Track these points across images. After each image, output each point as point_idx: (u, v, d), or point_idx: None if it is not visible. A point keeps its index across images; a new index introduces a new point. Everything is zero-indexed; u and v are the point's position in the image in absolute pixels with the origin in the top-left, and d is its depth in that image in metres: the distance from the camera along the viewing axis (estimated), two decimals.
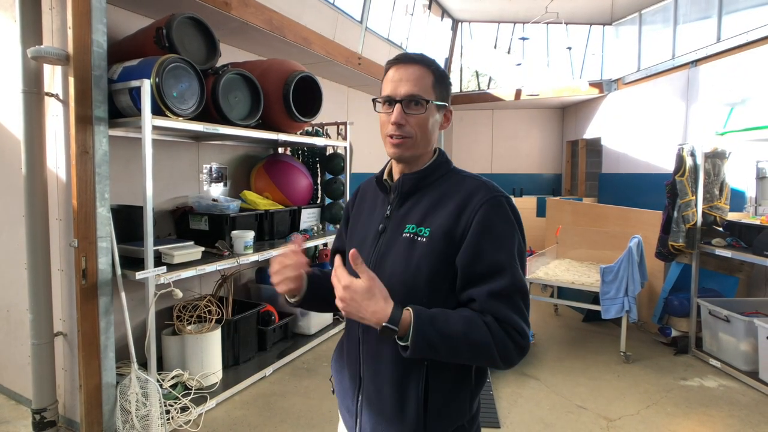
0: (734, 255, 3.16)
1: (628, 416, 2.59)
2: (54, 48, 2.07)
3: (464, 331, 0.83)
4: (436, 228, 0.91)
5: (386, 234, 0.98)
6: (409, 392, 0.91)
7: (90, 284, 2.15)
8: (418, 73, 0.93)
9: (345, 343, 1.06)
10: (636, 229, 3.94)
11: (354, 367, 1.00)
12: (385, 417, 0.93)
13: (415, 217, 0.95)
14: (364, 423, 0.97)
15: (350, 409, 1.01)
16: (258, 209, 3.26)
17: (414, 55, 0.95)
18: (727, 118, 4.11)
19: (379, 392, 0.94)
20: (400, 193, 0.99)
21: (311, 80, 3.21)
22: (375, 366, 0.95)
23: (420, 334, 0.81)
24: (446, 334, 0.82)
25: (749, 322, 2.98)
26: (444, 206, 0.93)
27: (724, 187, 3.42)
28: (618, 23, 6.74)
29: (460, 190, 0.94)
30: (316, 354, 3.43)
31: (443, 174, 0.99)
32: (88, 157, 2.14)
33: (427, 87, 0.93)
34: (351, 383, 1.01)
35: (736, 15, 4.60)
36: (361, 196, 1.14)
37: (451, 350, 0.83)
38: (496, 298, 0.86)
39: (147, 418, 2.23)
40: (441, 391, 0.92)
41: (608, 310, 3.28)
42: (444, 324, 0.83)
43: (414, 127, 0.93)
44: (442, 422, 0.93)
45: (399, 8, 6.09)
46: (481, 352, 0.83)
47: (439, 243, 0.90)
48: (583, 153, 7.64)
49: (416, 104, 0.92)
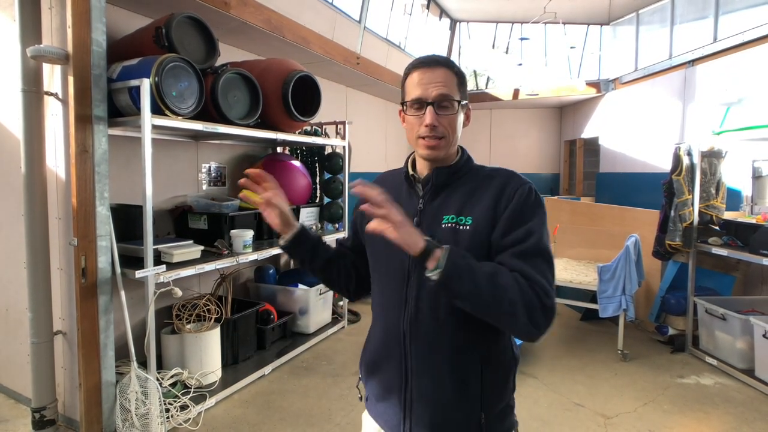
0: (730, 254, 3.19)
1: (625, 414, 2.61)
2: (53, 47, 2.07)
3: (492, 272, 0.87)
4: (477, 216, 0.95)
5: (423, 227, 0.99)
6: (470, 379, 0.96)
7: (89, 283, 2.16)
8: (445, 74, 0.97)
9: (380, 341, 1.06)
10: (633, 228, 3.96)
11: (397, 364, 1.00)
12: (446, 405, 0.96)
13: (452, 208, 0.99)
14: (417, 417, 0.98)
15: (395, 407, 1.01)
16: (257, 208, 3.26)
17: (439, 58, 0.99)
18: (723, 117, 4.13)
19: (435, 384, 0.97)
20: (434, 185, 1.01)
21: (310, 80, 3.22)
22: (429, 358, 0.97)
23: (451, 261, 0.84)
24: (475, 269, 0.86)
25: (745, 320, 3.00)
26: (480, 197, 0.98)
27: (720, 186, 3.44)
28: (615, 23, 6.76)
29: (493, 181, 0.99)
30: (315, 353, 3.44)
31: (471, 169, 1.04)
32: (87, 156, 2.14)
33: (454, 88, 0.97)
34: (396, 380, 1.00)
35: (732, 15, 4.63)
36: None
37: (478, 289, 0.85)
38: (519, 257, 0.90)
39: (146, 417, 2.24)
40: (494, 374, 0.98)
41: (606, 308, 3.30)
42: (475, 262, 0.87)
43: (446, 128, 0.97)
44: (496, 401, 0.99)
45: (397, 8, 6.10)
46: (507, 298, 0.84)
47: (484, 231, 0.94)
48: (581, 152, 7.66)
49: (447, 105, 0.96)
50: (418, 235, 0.86)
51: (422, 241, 0.86)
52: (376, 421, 1.08)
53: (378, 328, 1.08)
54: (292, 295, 3.62)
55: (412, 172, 1.07)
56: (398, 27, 6.25)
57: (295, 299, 3.61)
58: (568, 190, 8.01)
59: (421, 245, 0.85)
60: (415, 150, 1.04)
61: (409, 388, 0.99)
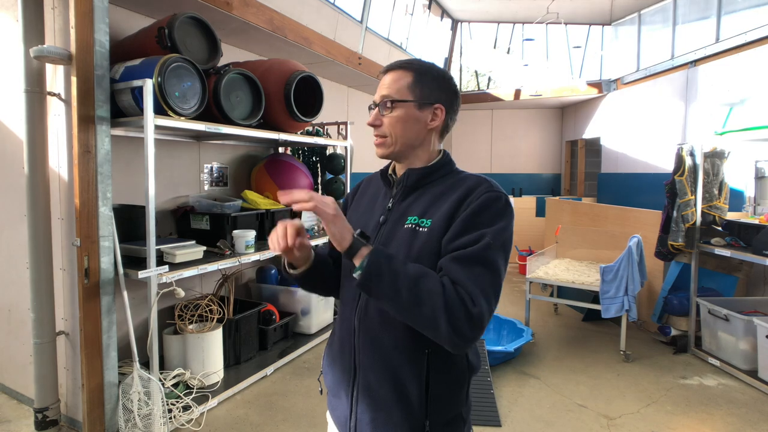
0: (733, 254, 3.18)
1: (628, 415, 2.60)
2: (56, 47, 2.07)
3: (417, 275, 0.83)
4: (437, 219, 0.94)
5: (387, 225, 1.00)
6: (411, 379, 0.92)
7: (92, 283, 2.16)
8: (394, 77, 1.00)
9: (337, 335, 1.07)
10: (635, 229, 3.95)
11: (348, 359, 1.00)
12: (385, 406, 0.94)
13: (417, 209, 0.98)
14: (361, 414, 0.96)
15: (343, 402, 1.01)
16: (259, 209, 3.26)
17: (397, 62, 1.02)
18: (726, 118, 4.13)
19: (378, 381, 0.94)
20: (404, 185, 1.02)
21: (312, 80, 3.22)
22: (373, 354, 0.95)
23: (374, 261, 0.83)
24: (399, 272, 0.83)
25: (748, 320, 2.99)
26: (446, 200, 0.96)
27: (723, 186, 3.43)
28: (617, 23, 6.75)
29: (462, 185, 0.97)
30: (317, 353, 3.43)
31: (447, 173, 1.03)
32: (90, 157, 2.14)
33: (402, 88, 0.98)
34: (345, 375, 1.00)
35: (735, 15, 4.62)
36: (362, 192, 1.18)
37: (398, 292, 0.82)
38: (457, 261, 0.86)
39: (149, 417, 2.24)
40: (441, 379, 0.94)
41: (608, 309, 3.29)
42: (400, 264, 0.85)
43: (387, 127, 0.99)
44: (443, 409, 0.94)
45: (399, 8, 6.10)
46: (429, 303, 0.81)
47: (440, 232, 0.92)
48: (582, 153, 7.65)
49: (388, 106, 0.99)
50: (348, 232, 0.86)
51: (350, 237, 0.86)
52: (331, 416, 1.08)
53: (337, 323, 1.08)
54: (294, 295, 3.62)
55: (392, 172, 1.09)
56: (400, 27, 6.25)
57: (297, 300, 3.61)
58: (569, 190, 8.00)
59: (348, 241, 0.85)
60: None
61: (356, 383, 0.98)
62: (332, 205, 0.85)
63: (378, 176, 1.13)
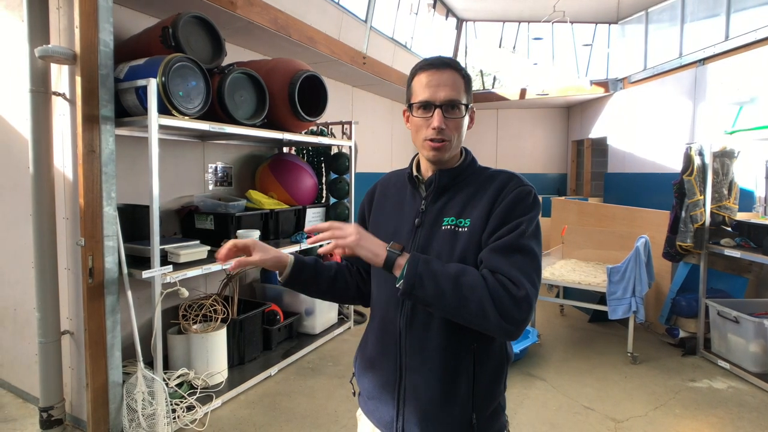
0: (743, 255, 3.13)
1: (636, 417, 2.57)
2: (61, 47, 2.07)
3: (457, 274, 0.86)
4: (475, 218, 0.95)
5: (423, 228, 1.00)
6: (460, 377, 0.96)
7: (97, 283, 2.16)
8: (452, 77, 0.96)
9: (378, 339, 1.06)
10: (642, 229, 3.90)
11: (392, 361, 1.00)
12: (436, 403, 0.96)
13: (452, 210, 0.99)
14: (409, 414, 0.98)
15: (388, 404, 1.01)
16: (263, 208, 3.26)
17: (447, 59, 0.98)
18: (736, 117, 4.07)
19: (426, 381, 0.96)
20: (436, 187, 1.02)
21: (316, 80, 3.20)
22: (421, 356, 0.97)
23: (413, 268, 0.86)
24: (438, 273, 0.86)
25: (759, 323, 2.94)
26: (480, 199, 0.98)
27: (732, 186, 3.38)
28: (624, 22, 6.69)
29: (493, 182, 0.99)
30: (321, 354, 3.42)
31: (474, 171, 1.04)
32: (94, 156, 2.14)
33: (461, 91, 0.97)
34: (389, 377, 1.01)
35: (744, 13, 4.55)
36: (381, 194, 1.15)
37: (442, 293, 0.85)
38: (496, 251, 0.89)
39: (153, 417, 2.23)
40: (486, 371, 0.97)
41: (615, 310, 3.26)
42: (439, 266, 0.88)
43: (452, 131, 0.97)
44: (487, 401, 0.98)
45: (404, 7, 6.08)
46: (474, 298, 0.84)
47: (480, 231, 0.94)
48: (589, 152, 7.59)
49: (454, 108, 0.96)
50: (380, 247, 0.89)
51: (384, 252, 0.88)
52: (368, 418, 1.08)
53: (375, 326, 1.08)
54: (298, 295, 3.61)
55: (416, 173, 1.07)
56: (404, 27, 6.23)
57: (301, 300, 3.60)
58: (575, 190, 7.94)
59: (383, 256, 0.88)
60: (419, 151, 1.04)
61: (402, 385, 0.99)
62: (352, 231, 0.89)
63: (397, 177, 1.13)
